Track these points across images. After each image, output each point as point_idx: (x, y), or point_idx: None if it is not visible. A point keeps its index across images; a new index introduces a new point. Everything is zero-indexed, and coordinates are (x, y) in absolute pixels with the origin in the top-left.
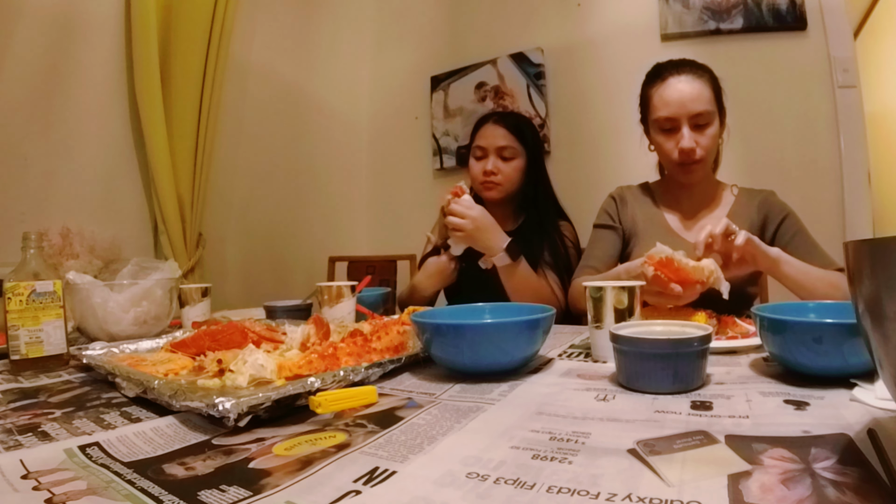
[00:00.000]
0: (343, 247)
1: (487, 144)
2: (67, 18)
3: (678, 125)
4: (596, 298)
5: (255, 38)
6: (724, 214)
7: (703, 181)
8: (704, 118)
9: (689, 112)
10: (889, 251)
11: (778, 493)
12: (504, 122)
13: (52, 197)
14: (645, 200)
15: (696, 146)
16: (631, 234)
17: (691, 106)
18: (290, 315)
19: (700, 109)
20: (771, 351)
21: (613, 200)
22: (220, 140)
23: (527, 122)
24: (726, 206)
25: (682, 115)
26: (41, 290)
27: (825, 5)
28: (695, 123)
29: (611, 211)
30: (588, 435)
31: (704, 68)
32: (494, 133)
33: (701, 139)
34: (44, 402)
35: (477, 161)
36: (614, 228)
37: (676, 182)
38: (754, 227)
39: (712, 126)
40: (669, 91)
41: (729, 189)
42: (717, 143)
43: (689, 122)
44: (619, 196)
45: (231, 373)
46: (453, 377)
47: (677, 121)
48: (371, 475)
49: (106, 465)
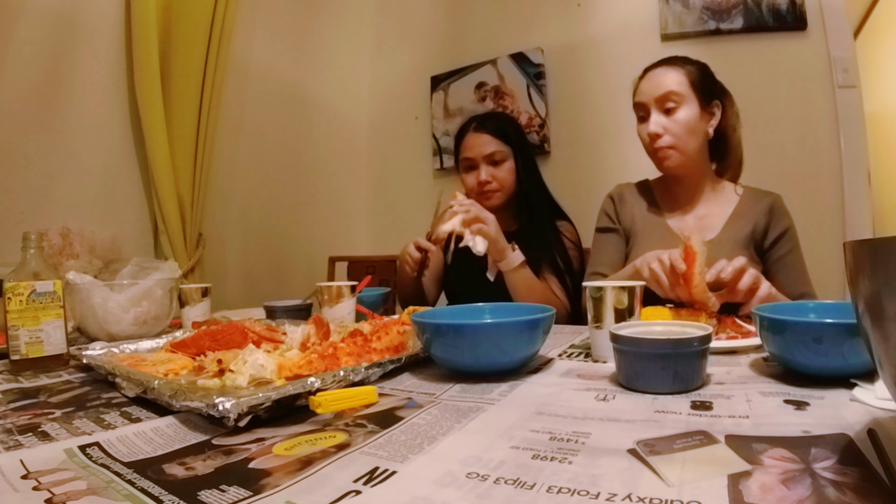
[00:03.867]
0: (343, 247)
1: (475, 154)
2: (67, 18)
3: (648, 111)
4: (596, 298)
5: (255, 38)
6: (727, 213)
7: (697, 175)
8: (671, 100)
9: (654, 96)
10: (889, 251)
11: (778, 493)
12: (485, 128)
13: (52, 197)
14: (643, 198)
15: (665, 131)
16: (630, 233)
17: (657, 90)
18: (290, 315)
19: (664, 91)
20: (771, 351)
21: (611, 201)
22: (220, 140)
23: (508, 121)
24: (729, 204)
25: (649, 101)
26: (41, 290)
27: (825, 5)
28: (663, 108)
29: (609, 212)
30: (588, 435)
31: (687, 60)
32: (479, 141)
33: (669, 123)
34: (44, 402)
35: (468, 172)
36: (615, 230)
37: (670, 177)
38: (758, 230)
39: (682, 110)
40: (645, 82)
41: (733, 188)
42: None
43: (657, 106)
44: (617, 195)
45: (231, 373)
46: (453, 377)
47: (646, 106)
48: (371, 475)
49: (106, 465)
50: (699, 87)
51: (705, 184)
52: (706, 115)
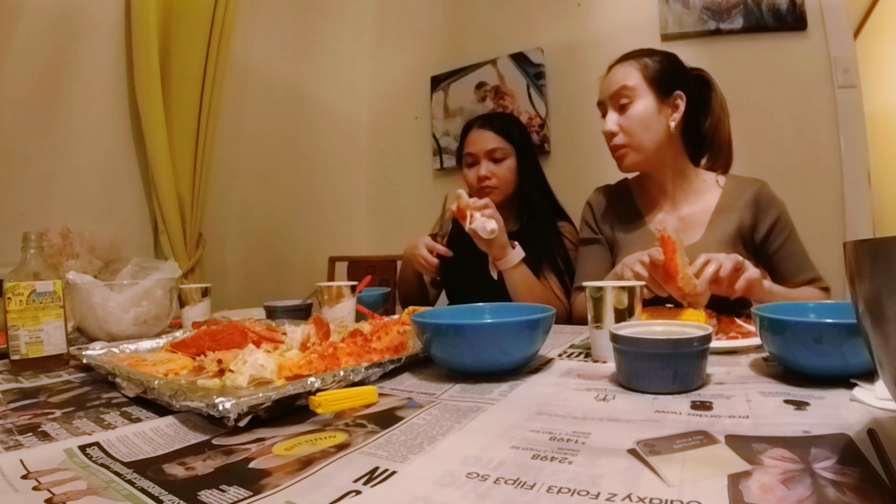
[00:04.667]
0: (343, 247)
1: (477, 150)
2: (67, 18)
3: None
4: (596, 298)
5: (255, 38)
6: (710, 208)
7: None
8: (623, 97)
9: (609, 92)
10: (889, 251)
11: (778, 493)
12: (490, 125)
13: (52, 197)
14: (621, 201)
15: (619, 129)
16: (612, 241)
17: (611, 87)
18: (290, 315)
19: (615, 88)
20: (771, 351)
21: (590, 208)
22: (220, 140)
23: (513, 121)
24: (712, 199)
25: (605, 99)
26: (41, 290)
27: (825, 5)
28: (618, 105)
29: (589, 221)
30: (588, 435)
31: (649, 52)
32: (482, 137)
33: (622, 120)
34: (44, 402)
35: (469, 168)
36: (597, 240)
37: (644, 175)
38: (745, 225)
39: (636, 105)
40: (604, 79)
41: (715, 178)
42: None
43: (612, 103)
44: (594, 202)
45: (231, 373)
46: (453, 377)
47: (604, 105)
48: (371, 475)
49: (106, 465)
50: (656, 79)
51: (678, 179)
52: (666, 108)
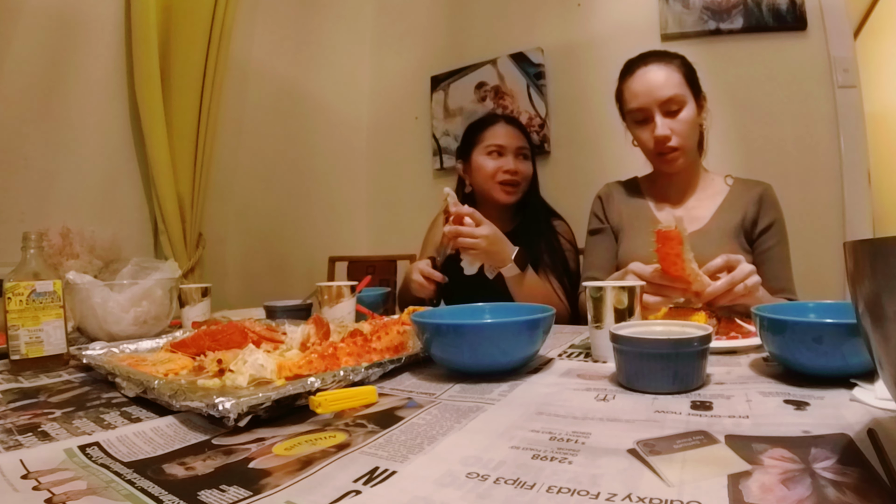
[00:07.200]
0: (343, 247)
1: (508, 143)
2: (67, 18)
3: (650, 114)
4: (596, 298)
5: (255, 38)
6: (716, 205)
7: (690, 170)
8: (675, 103)
9: (657, 99)
10: (889, 251)
11: (778, 493)
12: (514, 124)
13: (52, 197)
14: (631, 194)
15: (672, 133)
16: (618, 229)
17: (659, 93)
18: (290, 315)
19: (668, 95)
20: (771, 351)
21: (599, 200)
22: (220, 140)
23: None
24: (719, 195)
25: (651, 104)
26: (41, 290)
27: (825, 5)
28: (666, 110)
29: (598, 212)
30: (588, 435)
31: (672, 55)
32: (511, 133)
33: (675, 125)
34: (44, 402)
35: (492, 158)
36: (604, 230)
37: (662, 173)
38: (747, 219)
39: (685, 110)
40: (637, 82)
41: (722, 179)
42: (695, 127)
43: (660, 109)
44: (604, 194)
45: (231, 373)
46: (453, 377)
47: (648, 110)
48: (371, 475)
49: (106, 465)
50: (692, 82)
51: (695, 178)
52: (699, 108)
